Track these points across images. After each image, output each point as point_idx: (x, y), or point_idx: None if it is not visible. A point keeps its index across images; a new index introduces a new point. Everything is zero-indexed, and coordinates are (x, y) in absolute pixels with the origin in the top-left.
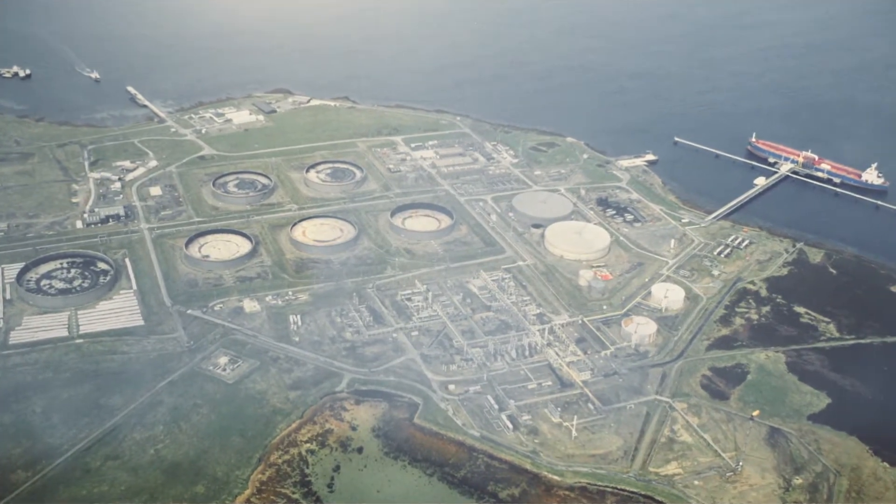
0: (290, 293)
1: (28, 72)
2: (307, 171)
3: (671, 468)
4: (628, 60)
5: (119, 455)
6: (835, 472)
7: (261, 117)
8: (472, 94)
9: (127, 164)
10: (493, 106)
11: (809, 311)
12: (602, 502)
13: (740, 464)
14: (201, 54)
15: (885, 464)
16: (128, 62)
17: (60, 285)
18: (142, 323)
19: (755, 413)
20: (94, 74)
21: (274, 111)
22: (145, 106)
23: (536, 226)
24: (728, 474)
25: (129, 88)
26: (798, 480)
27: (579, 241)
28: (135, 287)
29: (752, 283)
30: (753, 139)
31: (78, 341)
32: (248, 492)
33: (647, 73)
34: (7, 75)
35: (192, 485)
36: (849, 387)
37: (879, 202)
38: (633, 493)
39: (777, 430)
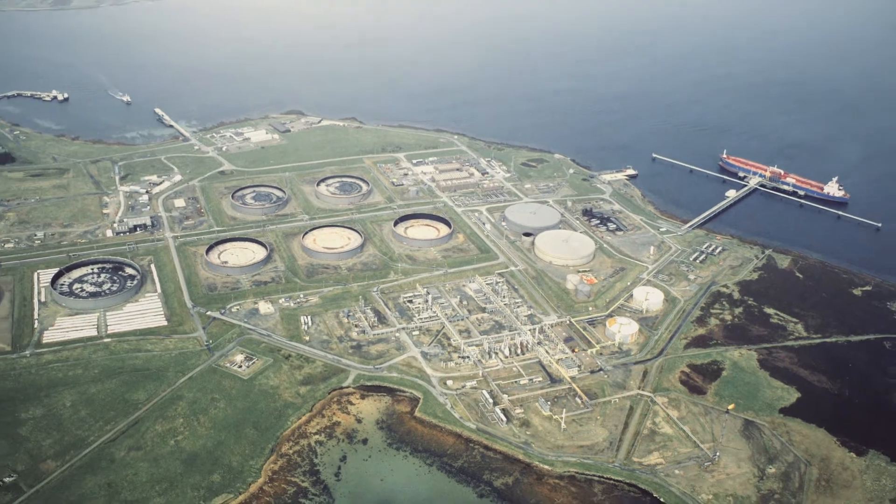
0: (301, 296)
1: (66, 95)
2: (318, 184)
3: (653, 458)
4: (611, 84)
5: (142, 446)
6: (805, 461)
7: (276, 136)
8: (468, 115)
9: (154, 178)
10: (487, 125)
11: (779, 312)
12: (589, 490)
13: (717, 454)
14: (222, 79)
15: (851, 454)
16: (156, 86)
17: (91, 289)
18: (165, 323)
19: (731, 407)
20: (125, 97)
21: (288, 130)
22: (171, 126)
23: (527, 234)
24: (706, 464)
25: (157, 110)
26: (771, 470)
27: (566, 248)
28: (159, 290)
29: (726, 286)
30: (724, 155)
31: (106, 340)
32: (260, 480)
33: (627, 95)
34: (47, 99)
35: (209, 474)
36: (817, 382)
37: (841, 212)
38: (618, 481)
39: (751, 423)
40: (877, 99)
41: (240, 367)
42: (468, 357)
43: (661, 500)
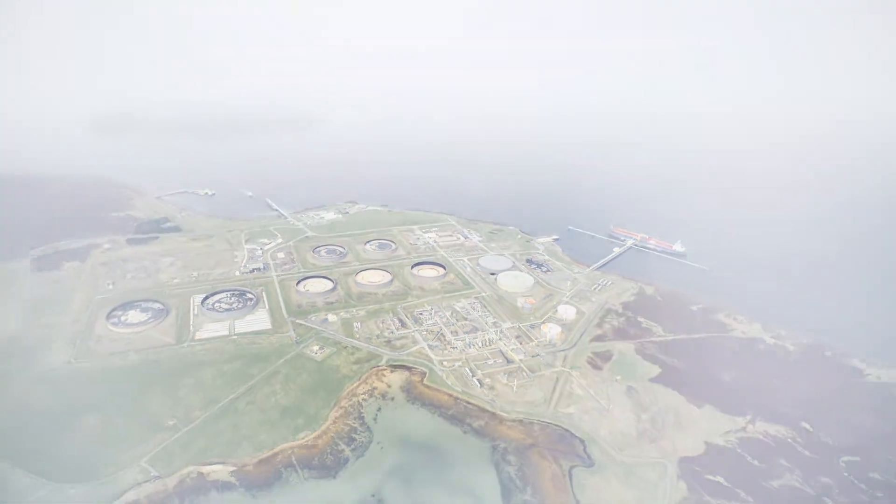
0: (354, 310)
1: (213, 192)
2: (365, 244)
3: (571, 409)
4: (541, 184)
5: (254, 402)
6: (665, 411)
7: (340, 216)
8: (456, 202)
9: (265, 240)
10: (468, 208)
11: (647, 320)
12: (531, 429)
13: (610, 406)
14: (306, 180)
15: (694, 406)
16: (267, 186)
17: (225, 306)
18: (270, 327)
19: (618, 377)
20: (249, 193)
21: (347, 212)
22: (276, 210)
23: (492, 274)
24: (603, 412)
25: (268, 200)
26: (645, 416)
27: (516, 282)
28: (267, 307)
29: (614, 305)
30: (613, 227)
31: (233, 337)
32: (328, 423)
33: (554, 190)
34: (201, 193)
35: (296, 418)
36: (671, 363)
37: (682, 261)
38: (549, 423)
39: (631, 387)
40: (705, 190)
41: (316, 353)
42: (456, 347)
43: (576, 434)
